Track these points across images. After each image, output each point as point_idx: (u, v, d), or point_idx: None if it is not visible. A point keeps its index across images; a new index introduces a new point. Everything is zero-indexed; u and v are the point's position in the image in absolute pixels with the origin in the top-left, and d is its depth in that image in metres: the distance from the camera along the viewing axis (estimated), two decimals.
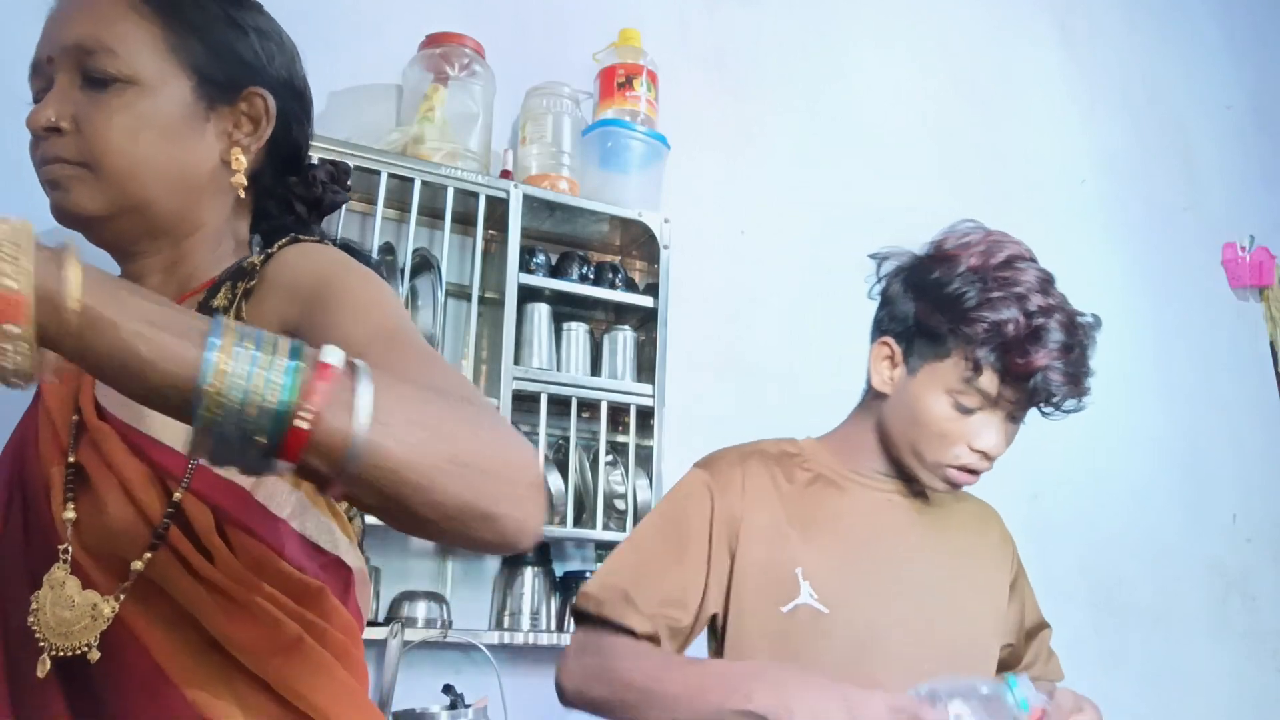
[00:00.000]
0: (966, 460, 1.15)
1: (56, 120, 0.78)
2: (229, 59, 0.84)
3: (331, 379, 0.55)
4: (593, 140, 1.72)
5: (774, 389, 1.95)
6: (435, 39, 1.65)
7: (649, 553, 1.18)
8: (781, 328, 2.00)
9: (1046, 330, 1.10)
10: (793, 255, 2.05)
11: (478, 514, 0.59)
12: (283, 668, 0.73)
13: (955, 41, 2.40)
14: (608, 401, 1.64)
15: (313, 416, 0.54)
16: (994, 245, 1.17)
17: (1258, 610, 2.40)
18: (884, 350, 1.22)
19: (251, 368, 0.54)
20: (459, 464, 0.58)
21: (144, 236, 0.83)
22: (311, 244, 0.82)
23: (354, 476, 0.56)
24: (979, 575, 1.27)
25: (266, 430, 0.54)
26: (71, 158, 0.79)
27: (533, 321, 1.65)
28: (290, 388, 0.54)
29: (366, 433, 0.55)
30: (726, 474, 1.22)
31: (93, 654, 0.70)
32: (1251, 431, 2.53)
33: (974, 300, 1.12)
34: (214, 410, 0.53)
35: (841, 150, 2.17)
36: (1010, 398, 1.13)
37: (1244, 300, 2.65)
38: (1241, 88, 2.83)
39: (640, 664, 1.09)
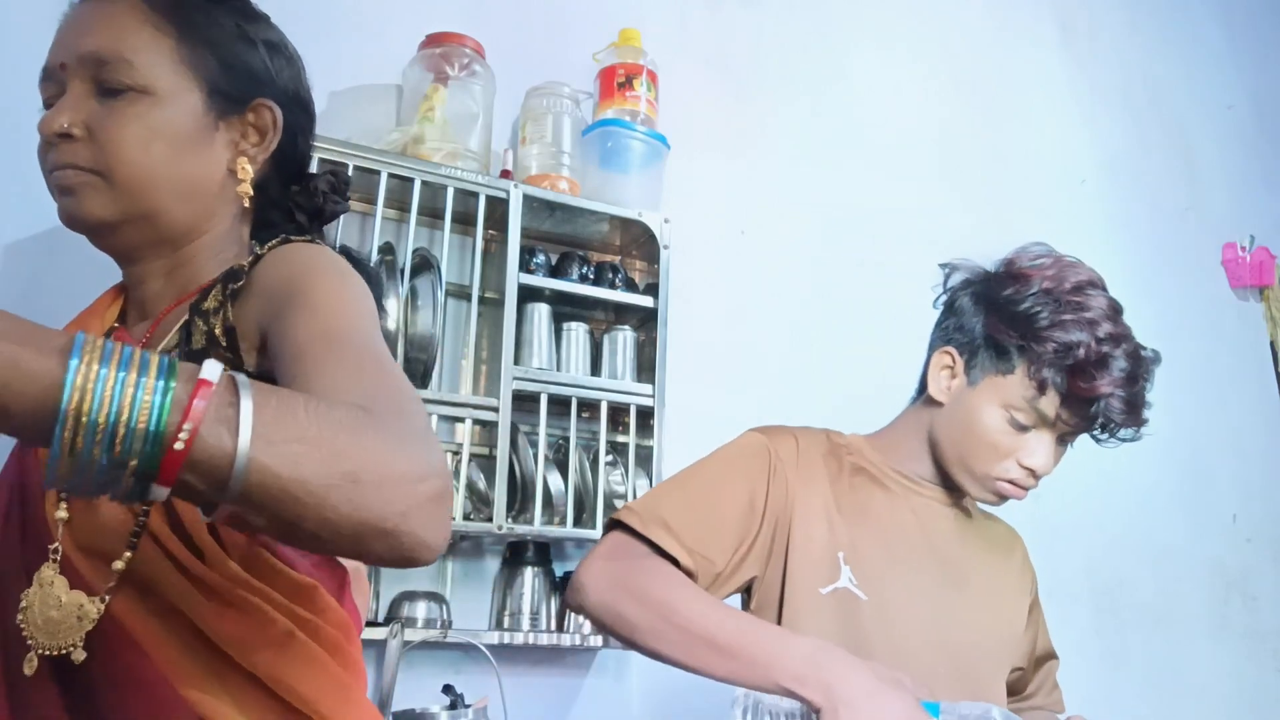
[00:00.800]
0: (1014, 475, 1.17)
1: (69, 127, 0.79)
2: (240, 72, 0.86)
3: (208, 395, 0.52)
4: (593, 140, 1.72)
5: (774, 389, 1.95)
6: (435, 39, 1.65)
7: (700, 494, 1.15)
8: (782, 327, 2.00)
9: (1113, 358, 1.12)
10: (793, 255, 2.05)
11: (373, 531, 0.57)
12: (274, 662, 0.73)
13: (956, 42, 2.40)
14: (608, 401, 1.64)
15: (189, 435, 0.51)
16: (1067, 270, 1.19)
17: (1258, 610, 2.40)
18: (945, 359, 1.23)
19: (118, 387, 0.51)
20: (352, 480, 0.56)
21: (150, 243, 0.85)
22: (299, 244, 0.83)
23: (239, 497, 0.54)
24: (1001, 594, 1.28)
25: (138, 453, 0.51)
26: (84, 164, 0.80)
27: (533, 321, 1.65)
28: (162, 406, 0.51)
29: (249, 450, 0.53)
30: (786, 444, 1.22)
31: (77, 654, 0.70)
32: (1251, 431, 2.53)
33: (1046, 320, 1.13)
34: (76, 433, 0.50)
35: (842, 150, 2.17)
36: (1067, 420, 1.15)
37: (1244, 300, 2.65)
38: (1242, 88, 2.83)
39: (684, 597, 1.03)
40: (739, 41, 2.12)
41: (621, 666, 1.72)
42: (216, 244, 0.87)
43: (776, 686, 0.98)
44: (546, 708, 1.66)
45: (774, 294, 2.01)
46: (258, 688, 0.73)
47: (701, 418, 1.83)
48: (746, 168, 2.05)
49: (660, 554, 1.07)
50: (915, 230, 2.17)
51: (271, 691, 0.73)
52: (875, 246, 2.13)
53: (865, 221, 2.14)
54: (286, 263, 0.80)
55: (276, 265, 0.80)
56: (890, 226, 2.16)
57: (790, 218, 2.07)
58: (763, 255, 2.02)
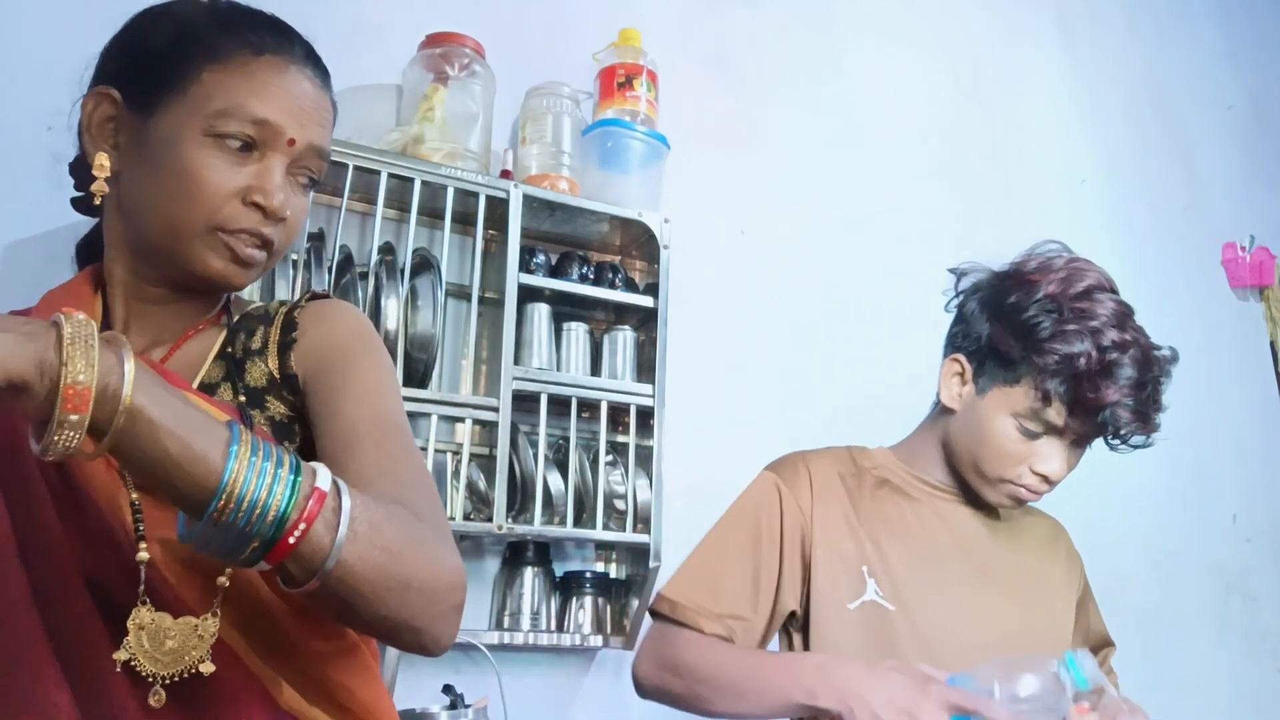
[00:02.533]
0: (1027, 481, 1.17)
1: (288, 213, 0.84)
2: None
3: (322, 500, 0.65)
4: (593, 140, 1.72)
5: (774, 389, 1.95)
6: (435, 39, 1.65)
7: (722, 557, 1.21)
8: (782, 327, 2.00)
9: (1119, 366, 1.10)
10: (793, 255, 2.05)
11: (409, 628, 0.71)
12: (341, 670, 0.82)
13: (956, 41, 2.40)
14: (608, 401, 1.64)
15: (303, 531, 0.63)
16: (1074, 273, 1.17)
17: (1258, 610, 2.40)
18: (955, 367, 1.23)
19: (261, 479, 0.62)
20: (406, 586, 0.69)
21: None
22: (335, 305, 0.91)
23: (323, 584, 0.65)
24: (1044, 590, 1.27)
25: (264, 536, 0.63)
26: (275, 246, 0.85)
27: (533, 321, 1.65)
28: (289, 502, 0.63)
29: (341, 550, 0.65)
30: (794, 472, 1.24)
31: (206, 666, 0.74)
32: (1252, 431, 2.53)
33: (1048, 330, 1.12)
34: (224, 514, 0.62)
35: (842, 150, 2.17)
36: (1077, 429, 1.14)
37: (1244, 300, 2.65)
38: (1241, 88, 2.83)
39: (709, 656, 1.13)
40: (739, 41, 2.12)
41: (621, 666, 1.72)
42: None
43: (799, 707, 1.05)
44: (546, 708, 1.66)
45: (774, 294, 2.01)
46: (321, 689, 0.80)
47: (701, 418, 1.84)
48: (746, 168, 2.05)
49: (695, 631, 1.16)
50: (915, 230, 2.17)
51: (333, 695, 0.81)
52: (875, 246, 2.13)
53: (865, 221, 2.14)
54: (331, 324, 0.88)
55: (329, 321, 0.88)
56: (890, 226, 2.16)
57: (790, 218, 2.07)
58: (763, 255, 2.02)
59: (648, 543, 1.59)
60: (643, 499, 1.62)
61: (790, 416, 1.93)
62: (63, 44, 1.41)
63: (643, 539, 1.60)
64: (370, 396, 0.82)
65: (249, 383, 0.85)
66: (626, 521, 1.61)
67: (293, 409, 0.85)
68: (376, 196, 1.50)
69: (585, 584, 1.66)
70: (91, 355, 0.58)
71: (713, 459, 1.83)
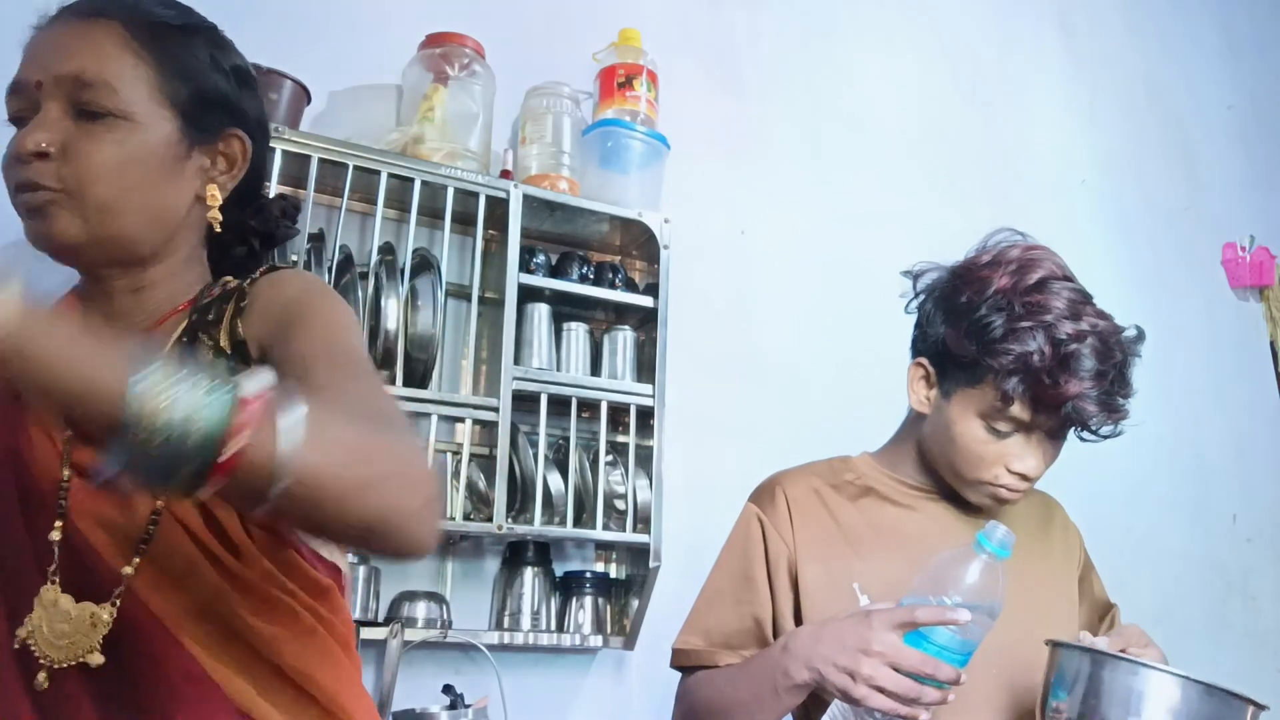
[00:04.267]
0: (1005, 481, 1.14)
1: (46, 145, 0.80)
2: (212, 102, 0.88)
3: (262, 401, 0.58)
4: (593, 140, 1.72)
5: (774, 389, 1.95)
6: (435, 39, 1.65)
7: (721, 602, 1.22)
8: (781, 327, 2.00)
9: (1077, 358, 1.07)
10: (792, 255, 2.05)
11: (384, 529, 0.65)
12: (299, 655, 0.78)
13: (956, 41, 2.40)
14: (608, 401, 1.64)
15: (242, 441, 0.57)
16: (1026, 264, 1.13)
17: (1258, 610, 2.40)
18: (919, 371, 1.21)
19: (181, 389, 0.56)
20: (373, 482, 0.64)
21: (117, 264, 0.86)
22: (288, 271, 0.90)
23: (279, 494, 0.59)
24: (1045, 570, 1.25)
25: (199, 452, 0.56)
26: (54, 184, 0.80)
27: (533, 321, 1.65)
28: (224, 409, 0.56)
29: (292, 453, 0.59)
30: (771, 499, 1.23)
31: (94, 658, 0.73)
32: (1251, 431, 2.53)
33: (1000, 330, 1.09)
34: (145, 433, 0.55)
35: (841, 150, 2.17)
36: (1045, 423, 1.12)
37: (1244, 300, 2.65)
38: (1241, 88, 2.83)
39: (712, 688, 1.16)
40: (739, 41, 2.12)
41: (621, 666, 1.72)
42: (182, 265, 0.90)
43: (791, 690, 1.05)
44: (546, 708, 1.66)
45: (774, 294, 2.01)
46: (281, 678, 0.77)
47: (701, 418, 1.84)
48: (746, 167, 2.05)
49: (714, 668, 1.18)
50: (914, 229, 2.16)
51: (293, 682, 0.78)
52: (875, 246, 2.13)
53: (864, 221, 2.14)
54: (286, 285, 0.85)
55: (276, 287, 0.85)
56: (890, 226, 2.15)
57: (790, 218, 2.07)
58: (763, 255, 2.02)
59: (648, 543, 1.59)
60: (643, 499, 1.62)
61: (790, 416, 1.93)
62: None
63: (643, 539, 1.60)
64: (327, 330, 0.80)
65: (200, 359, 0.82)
66: (626, 521, 1.61)
67: None
68: (376, 196, 1.50)
69: (585, 584, 1.66)
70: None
71: (713, 459, 1.83)
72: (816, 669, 1.01)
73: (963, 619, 0.95)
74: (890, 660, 0.96)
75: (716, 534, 1.35)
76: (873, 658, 0.97)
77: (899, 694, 0.96)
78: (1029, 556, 1.24)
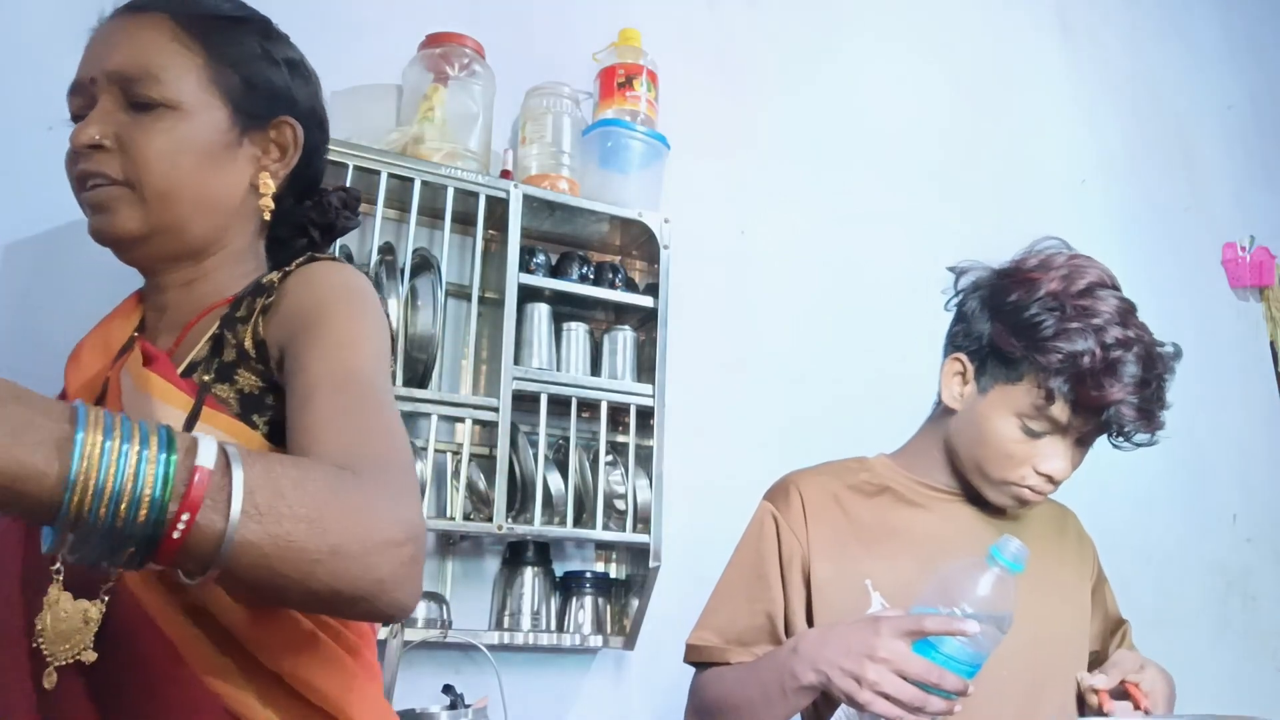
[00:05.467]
0: (1031, 482, 1.16)
1: (100, 138, 0.82)
2: (262, 90, 0.89)
3: (206, 478, 0.55)
4: (593, 140, 1.72)
5: (774, 389, 1.95)
6: (435, 39, 1.65)
7: (734, 597, 1.22)
8: (782, 328, 2.00)
9: (1122, 364, 1.09)
10: (793, 255, 2.05)
11: (353, 598, 0.61)
12: (297, 662, 0.76)
13: (956, 41, 2.40)
14: (608, 401, 1.64)
15: (189, 521, 0.54)
16: (1075, 270, 1.16)
17: (1258, 610, 2.40)
18: (956, 366, 1.22)
19: (122, 464, 0.52)
20: (331, 552, 0.59)
21: (173, 255, 0.87)
22: (327, 264, 0.87)
23: (226, 571, 0.57)
24: (1058, 579, 1.26)
25: (142, 535, 0.53)
26: (113, 175, 0.82)
27: (533, 321, 1.65)
28: (164, 489, 0.53)
29: (237, 531, 0.55)
30: (786, 497, 1.24)
31: (87, 655, 0.72)
32: (1252, 431, 2.53)
33: (1051, 329, 1.11)
34: (82, 517, 0.52)
35: (842, 150, 2.17)
36: (1080, 427, 1.13)
37: (1244, 300, 2.64)
38: (1241, 88, 2.83)
39: (722, 685, 1.16)
40: (739, 41, 2.12)
41: (621, 666, 1.72)
42: (235, 257, 0.90)
43: (799, 692, 1.06)
44: (546, 708, 1.66)
45: (774, 294, 2.01)
46: (281, 684, 0.75)
47: (701, 418, 1.84)
48: (746, 168, 2.05)
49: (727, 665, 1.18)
50: (915, 229, 2.17)
51: (291, 696, 0.76)
52: (875, 246, 2.13)
53: (865, 221, 2.14)
54: (313, 284, 0.84)
55: (304, 284, 0.84)
56: (890, 226, 2.16)
57: (790, 218, 2.07)
58: (763, 255, 2.02)
59: (648, 543, 1.59)
60: (643, 499, 1.62)
61: (790, 416, 1.93)
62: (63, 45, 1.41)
63: (643, 539, 1.60)
64: (338, 350, 0.76)
65: (223, 357, 0.83)
66: (626, 521, 1.61)
67: (264, 379, 0.81)
68: (376, 196, 1.50)
69: (585, 584, 1.66)
70: None
71: (713, 459, 1.83)
72: (823, 672, 1.01)
73: (971, 631, 0.95)
74: (896, 667, 0.96)
75: (716, 534, 1.35)
76: (879, 664, 0.97)
77: (904, 701, 0.96)
78: (1042, 562, 1.24)
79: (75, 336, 0.94)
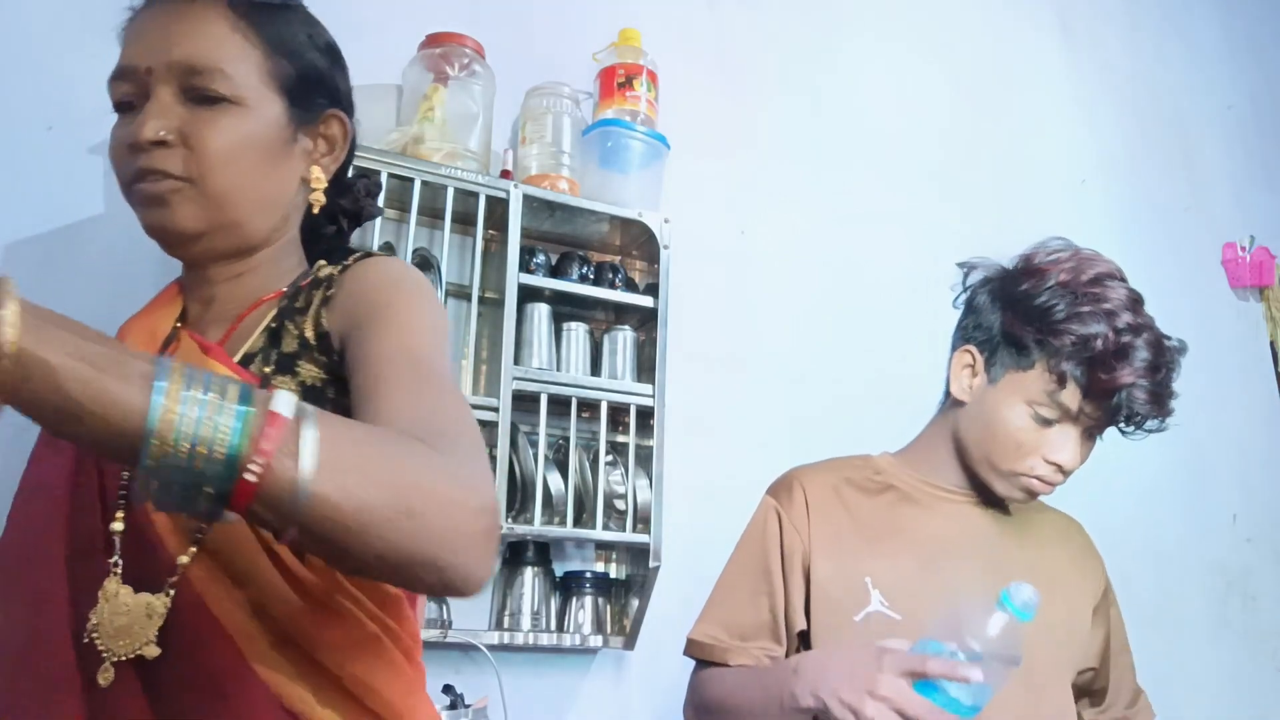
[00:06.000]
0: (1041, 472, 1.16)
1: (165, 134, 0.79)
2: (313, 82, 0.88)
3: (280, 426, 0.55)
4: (593, 140, 1.72)
5: (775, 389, 1.95)
6: (435, 39, 1.65)
7: (737, 591, 1.23)
8: (782, 328, 2.00)
9: (1134, 348, 1.11)
10: (793, 255, 2.05)
11: (423, 563, 0.59)
12: (359, 664, 0.75)
13: (956, 41, 2.40)
14: (608, 401, 1.64)
15: (259, 469, 0.54)
16: (1084, 262, 1.18)
17: (1258, 610, 2.40)
18: (965, 358, 1.22)
19: (200, 413, 0.53)
20: (407, 514, 0.58)
21: (228, 252, 0.86)
22: (383, 259, 0.87)
23: (301, 524, 0.56)
24: (1058, 588, 1.24)
25: (215, 479, 0.54)
26: (177, 172, 0.80)
27: (533, 321, 1.65)
28: (240, 434, 0.54)
29: (311, 482, 0.55)
30: (789, 492, 1.24)
31: (150, 649, 0.71)
32: (1251, 431, 2.53)
33: (1063, 313, 1.12)
34: (159, 458, 0.53)
35: (842, 150, 2.17)
36: (1091, 413, 1.14)
37: (1244, 300, 2.65)
38: (1241, 88, 2.83)
39: (725, 686, 1.17)
40: (739, 41, 2.12)
41: (621, 666, 1.72)
42: (284, 250, 0.90)
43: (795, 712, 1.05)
44: (546, 708, 1.66)
45: (774, 294, 2.01)
46: (339, 685, 0.74)
47: (701, 418, 1.84)
48: (746, 168, 2.05)
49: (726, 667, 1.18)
50: (915, 229, 2.17)
51: (350, 698, 0.75)
52: (875, 246, 2.13)
53: (865, 221, 2.14)
54: (374, 275, 0.83)
55: (366, 275, 0.84)
56: (890, 226, 2.16)
57: (790, 218, 2.07)
58: (763, 255, 2.02)
59: (648, 543, 1.59)
60: (643, 499, 1.62)
61: (790, 416, 1.93)
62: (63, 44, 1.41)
63: (643, 539, 1.60)
64: (401, 334, 0.76)
65: (283, 349, 0.82)
66: (626, 521, 1.61)
67: (327, 370, 0.81)
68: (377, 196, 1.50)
69: (585, 584, 1.66)
70: None
71: (713, 459, 1.83)
72: (822, 699, 1.01)
73: (974, 679, 0.94)
74: (896, 705, 0.96)
75: (716, 534, 1.35)
76: (878, 700, 0.96)
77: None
78: (1045, 567, 1.24)
79: None
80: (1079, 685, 1.26)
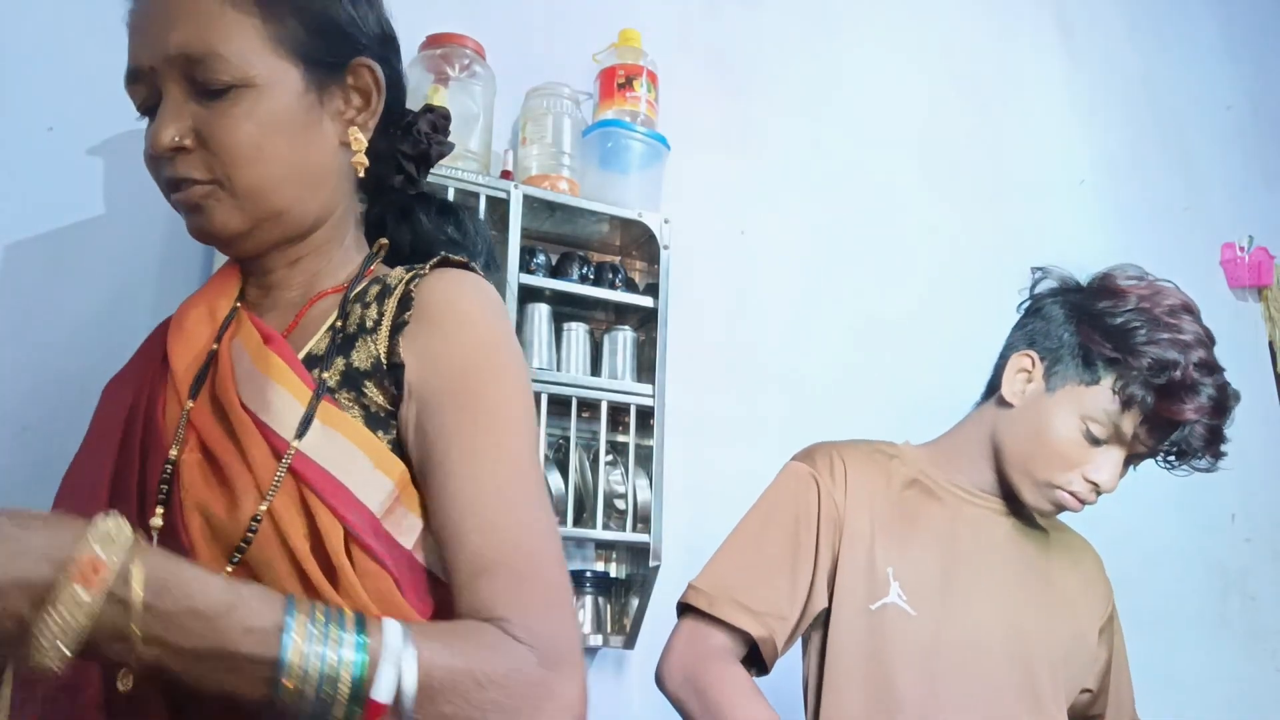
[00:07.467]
0: (1076, 488, 1.16)
1: (180, 139, 0.76)
2: (329, 34, 0.82)
3: (394, 657, 0.61)
4: (593, 140, 1.72)
5: (774, 389, 1.95)
6: (435, 39, 1.65)
7: (758, 550, 1.19)
8: (782, 328, 2.00)
9: (1203, 386, 1.12)
10: (792, 255, 2.05)
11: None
12: None
13: (955, 41, 2.40)
14: (608, 401, 1.64)
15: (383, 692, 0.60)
16: (1163, 291, 1.19)
17: (1258, 610, 2.40)
18: (1024, 362, 1.22)
19: (327, 650, 0.60)
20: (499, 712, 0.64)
21: (282, 239, 0.82)
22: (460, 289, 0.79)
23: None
24: (1066, 606, 1.25)
25: (348, 709, 0.60)
26: (203, 176, 0.77)
27: (533, 321, 1.65)
28: (362, 666, 0.60)
29: (417, 703, 0.61)
30: (829, 464, 1.22)
31: None
32: (1251, 431, 2.52)
33: (1144, 336, 1.13)
34: (294, 695, 0.59)
35: (841, 150, 2.17)
36: (1144, 440, 1.14)
37: (1243, 300, 2.65)
38: (1241, 88, 2.83)
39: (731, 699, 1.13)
40: (739, 41, 2.12)
41: (621, 666, 1.72)
42: (339, 224, 0.86)
43: None
44: None
45: (774, 294, 2.01)
46: None
47: (701, 418, 1.84)
48: (746, 168, 2.05)
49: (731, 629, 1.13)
50: (914, 229, 2.17)
51: None
52: (874, 246, 2.13)
53: (864, 221, 2.14)
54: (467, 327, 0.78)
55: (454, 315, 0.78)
56: (889, 226, 2.16)
57: (789, 217, 2.07)
58: (763, 255, 2.02)
59: (648, 542, 1.59)
60: (643, 499, 1.62)
61: (790, 416, 1.93)
62: (64, 45, 1.42)
63: (643, 539, 1.60)
64: (489, 426, 0.73)
65: (354, 362, 0.77)
66: (626, 521, 1.61)
67: (393, 402, 0.76)
68: None
69: (585, 584, 1.66)
70: (120, 543, 0.57)
71: (713, 459, 1.83)
72: None
73: None
74: None
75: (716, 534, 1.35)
76: None
77: None
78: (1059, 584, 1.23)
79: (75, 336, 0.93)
80: (1078, 707, 1.25)
